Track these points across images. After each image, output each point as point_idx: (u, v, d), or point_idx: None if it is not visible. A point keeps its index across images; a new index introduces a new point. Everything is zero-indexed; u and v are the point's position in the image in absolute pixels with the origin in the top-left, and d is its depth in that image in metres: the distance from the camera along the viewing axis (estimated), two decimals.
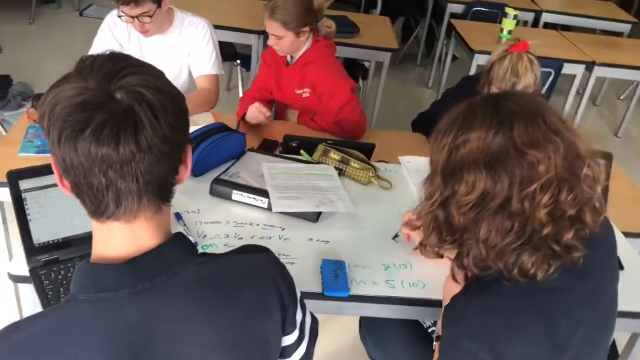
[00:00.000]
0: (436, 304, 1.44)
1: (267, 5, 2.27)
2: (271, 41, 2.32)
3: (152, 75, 0.83)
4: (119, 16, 2.32)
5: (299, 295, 1.05)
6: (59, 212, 1.34)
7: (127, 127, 0.76)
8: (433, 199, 1.07)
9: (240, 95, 3.90)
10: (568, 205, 0.99)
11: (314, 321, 1.12)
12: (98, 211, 0.82)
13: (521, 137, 0.98)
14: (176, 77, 2.59)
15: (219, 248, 1.51)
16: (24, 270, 1.32)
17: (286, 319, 0.98)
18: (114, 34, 2.47)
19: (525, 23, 4.90)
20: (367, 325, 1.72)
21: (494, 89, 2.24)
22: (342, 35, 3.59)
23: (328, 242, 1.60)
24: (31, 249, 1.33)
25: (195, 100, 2.48)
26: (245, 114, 2.33)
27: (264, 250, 1.03)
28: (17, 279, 1.34)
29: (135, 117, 0.77)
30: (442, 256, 1.14)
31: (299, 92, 2.45)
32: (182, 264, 0.87)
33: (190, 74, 2.60)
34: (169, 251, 0.87)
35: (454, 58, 4.91)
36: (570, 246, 1.02)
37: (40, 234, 1.34)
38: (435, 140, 1.08)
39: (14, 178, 1.31)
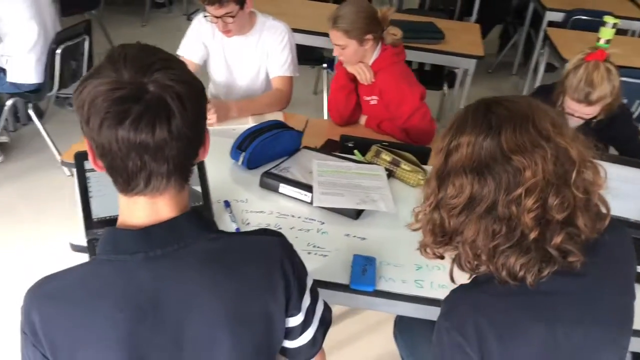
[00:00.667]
0: None
1: (330, 16, 2.34)
2: (336, 51, 2.39)
3: (179, 68, 0.93)
4: (205, 16, 2.49)
5: (309, 282, 1.11)
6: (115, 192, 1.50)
7: (161, 116, 0.87)
8: (429, 202, 1.09)
9: (326, 98, 4.03)
10: (556, 210, 0.98)
11: (327, 310, 1.17)
12: (128, 188, 0.93)
13: (508, 143, 0.98)
14: (254, 77, 2.73)
15: None
16: (83, 241, 1.48)
17: (290, 300, 1.03)
18: (200, 35, 2.66)
19: (633, 33, 4.60)
20: (400, 325, 1.74)
21: (567, 99, 2.17)
22: (426, 42, 3.60)
23: (365, 239, 1.64)
24: (90, 223, 1.49)
25: (267, 100, 2.61)
26: None
27: (277, 234, 1.09)
28: (76, 249, 1.51)
29: (167, 108, 0.87)
30: (442, 257, 1.15)
31: (367, 99, 2.50)
32: (194, 237, 0.96)
33: (267, 74, 2.73)
34: (183, 224, 0.96)
35: (553, 68, 4.72)
36: (565, 251, 1.01)
37: (99, 210, 1.50)
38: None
39: (80, 159, 1.48)
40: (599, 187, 1.05)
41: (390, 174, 1.92)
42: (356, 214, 1.70)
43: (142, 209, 0.95)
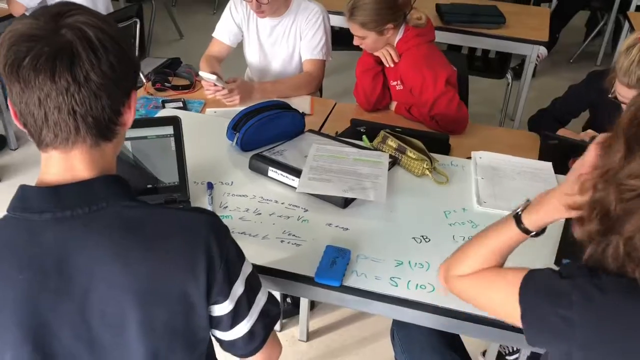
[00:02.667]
0: (437, 311, 1.28)
1: (346, 7, 2.19)
2: (356, 41, 2.25)
3: (99, 18, 0.88)
4: None
5: (245, 269, 1.02)
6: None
7: (63, 57, 0.83)
8: (605, 169, 0.83)
9: None
10: None
11: (271, 304, 1.07)
12: (39, 140, 0.89)
13: None
14: (289, 60, 2.64)
15: (234, 220, 1.52)
16: None
17: (214, 285, 0.95)
18: (234, 18, 2.61)
19: None
20: (397, 324, 1.60)
21: (618, 84, 1.90)
22: (485, 26, 3.36)
23: (347, 229, 1.51)
24: None
25: (294, 82, 2.51)
26: None
27: (209, 213, 1.01)
28: None
29: (72, 50, 0.83)
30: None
31: (393, 83, 2.34)
32: (108, 201, 0.90)
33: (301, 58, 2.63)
34: (98, 186, 0.90)
35: None
36: None
37: None
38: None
39: None
40: None
41: (396, 162, 1.76)
42: (344, 203, 1.57)
43: (56, 165, 0.90)
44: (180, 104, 2.33)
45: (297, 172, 1.63)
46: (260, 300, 1.05)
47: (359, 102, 2.42)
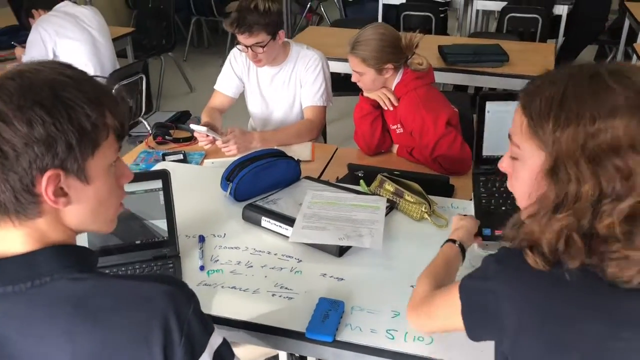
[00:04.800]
0: None
1: (349, 40, 2.19)
2: (354, 77, 2.23)
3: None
4: (236, 44, 2.45)
5: (213, 342, 0.93)
6: None
7: None
8: (584, 196, 0.85)
9: None
10: None
11: None
12: None
13: None
14: (290, 108, 2.64)
15: (225, 274, 1.46)
16: None
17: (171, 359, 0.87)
18: (234, 69, 2.63)
19: None
20: None
21: None
22: (488, 65, 3.35)
23: (342, 279, 1.44)
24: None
25: (295, 130, 2.50)
26: None
27: (176, 284, 0.93)
28: None
29: None
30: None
31: (393, 127, 2.31)
32: (52, 275, 0.85)
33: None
34: (41, 259, 0.86)
35: None
36: None
37: None
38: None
39: None
40: None
41: (394, 206, 1.71)
42: (339, 251, 1.51)
43: None
44: (181, 156, 2.31)
45: (291, 221, 1.58)
46: None
47: (360, 147, 2.39)
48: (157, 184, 1.51)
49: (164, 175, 1.52)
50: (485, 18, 5.89)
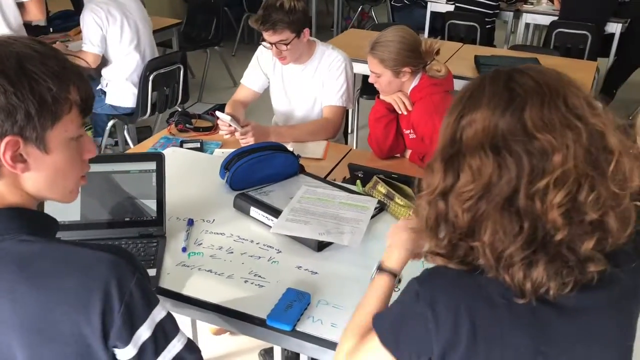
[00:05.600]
0: None
1: (370, 41, 2.21)
2: (371, 78, 2.24)
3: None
4: (262, 41, 2.51)
5: (155, 315, 0.96)
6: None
7: None
8: (432, 188, 0.90)
9: None
10: (589, 206, 0.81)
11: (187, 351, 1.00)
12: None
13: (533, 119, 0.82)
14: (311, 106, 2.67)
15: (204, 257, 1.51)
16: None
17: (110, 329, 0.90)
18: (260, 64, 2.69)
19: None
20: None
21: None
22: None
23: (316, 273, 1.46)
24: None
25: (311, 127, 2.53)
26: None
27: (123, 255, 0.96)
28: None
29: None
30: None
31: (406, 132, 2.31)
32: (3, 235, 0.90)
33: None
34: None
35: None
36: (587, 258, 0.84)
37: None
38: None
39: None
40: (634, 189, 0.86)
41: (383, 208, 1.72)
42: (318, 246, 1.53)
43: None
44: (198, 145, 2.39)
45: (278, 213, 1.62)
46: (174, 348, 0.98)
47: (372, 149, 2.40)
48: (152, 165, 1.58)
49: (158, 158, 1.58)
50: (537, 32, 5.77)
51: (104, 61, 3.40)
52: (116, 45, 3.35)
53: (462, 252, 0.90)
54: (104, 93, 3.50)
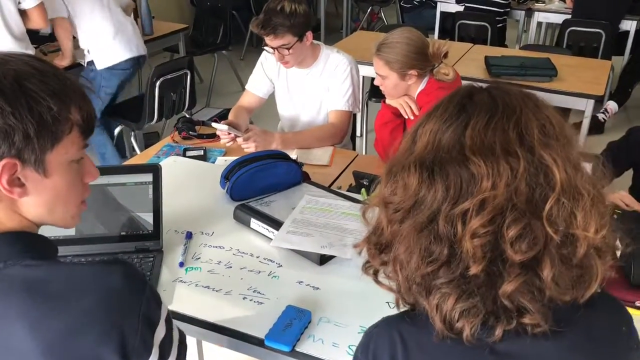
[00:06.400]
0: None
1: (376, 42, 2.15)
2: (377, 81, 2.19)
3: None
4: (264, 46, 2.46)
5: (163, 312, 0.94)
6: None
7: None
8: (378, 198, 0.87)
9: None
10: (512, 244, 0.73)
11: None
12: None
13: (473, 139, 0.77)
14: (317, 111, 2.62)
15: (202, 272, 1.46)
16: None
17: (127, 342, 0.86)
18: (265, 70, 2.64)
19: None
20: None
21: None
22: (535, 79, 3.20)
23: (318, 289, 1.41)
24: None
25: (317, 133, 2.47)
26: None
27: (122, 264, 0.93)
28: None
29: None
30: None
31: None
32: (6, 261, 0.86)
33: None
34: None
35: None
36: (518, 306, 0.75)
37: None
38: None
39: None
40: (592, 240, 0.76)
41: None
42: (320, 260, 1.47)
43: None
44: (201, 152, 2.34)
45: (279, 225, 1.56)
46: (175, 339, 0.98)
47: (379, 154, 2.34)
48: (148, 177, 1.53)
49: (154, 170, 1.53)
50: (550, 31, 5.66)
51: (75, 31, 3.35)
52: (94, 37, 3.30)
53: (385, 265, 0.87)
54: (92, 63, 3.40)
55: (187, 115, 3.85)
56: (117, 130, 3.60)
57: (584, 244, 0.76)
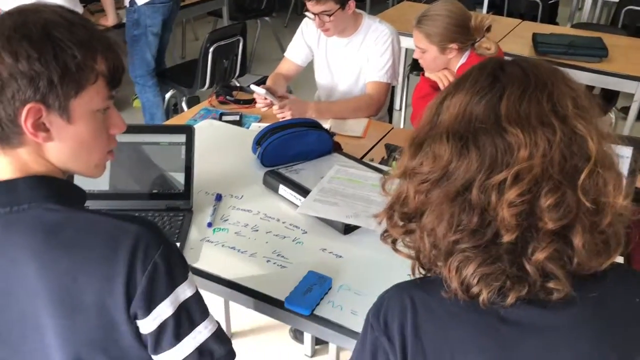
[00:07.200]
0: None
1: (416, 15, 2.11)
2: (416, 54, 2.15)
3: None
4: (305, 12, 2.45)
5: (182, 292, 0.93)
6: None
7: None
8: (399, 169, 0.88)
9: None
10: (547, 213, 0.74)
11: (216, 343, 0.97)
12: None
13: (508, 109, 0.77)
14: (355, 81, 2.60)
15: (229, 234, 1.49)
16: None
17: (132, 299, 0.89)
18: (305, 37, 2.63)
19: None
20: None
21: None
22: (584, 59, 3.09)
23: (341, 257, 1.42)
24: None
25: (352, 104, 2.46)
26: None
27: (142, 223, 0.93)
28: None
29: None
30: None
31: None
32: (30, 203, 0.89)
33: None
34: (21, 187, 0.90)
35: None
36: (547, 273, 0.76)
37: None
38: None
39: None
40: (618, 207, 0.78)
41: None
42: (345, 229, 1.48)
43: None
44: (237, 118, 2.36)
45: (306, 193, 1.58)
46: (200, 334, 0.95)
47: (415, 127, 2.31)
48: (181, 138, 1.56)
49: (188, 131, 1.56)
50: (606, 9, 5.43)
51: None
52: None
53: (408, 233, 0.88)
54: (134, 2, 3.42)
55: (236, 83, 3.89)
56: (168, 95, 3.66)
57: (611, 212, 0.77)
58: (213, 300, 1.02)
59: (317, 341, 2.37)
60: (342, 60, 2.56)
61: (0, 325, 0.90)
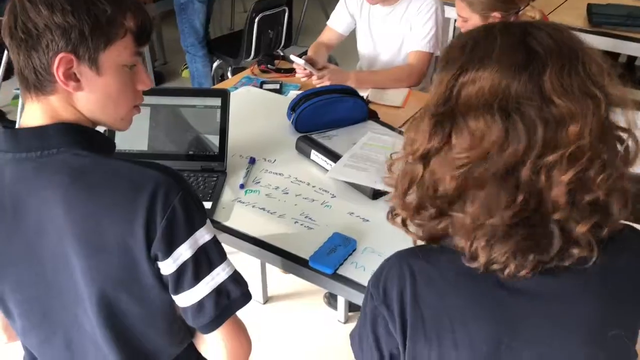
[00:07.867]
0: None
1: None
2: (458, 22, 2.11)
3: None
4: None
5: (202, 236, 0.98)
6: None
7: (12, 9, 0.93)
8: (413, 149, 0.82)
9: None
10: (597, 186, 0.74)
11: (233, 284, 1.02)
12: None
13: (552, 84, 0.73)
14: (397, 51, 2.58)
15: (260, 195, 1.53)
16: None
17: (153, 241, 0.94)
18: (347, 5, 2.62)
19: None
20: None
21: None
22: (625, 29, 2.95)
23: (367, 221, 1.44)
24: None
25: (393, 74, 2.44)
26: None
27: (164, 171, 0.97)
28: None
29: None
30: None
31: None
32: (59, 148, 0.95)
33: None
34: (52, 133, 0.96)
35: None
36: (577, 241, 0.76)
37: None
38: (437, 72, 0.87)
39: None
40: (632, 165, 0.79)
41: None
42: (373, 194, 1.50)
43: (26, 113, 0.98)
44: (277, 86, 2.39)
45: (337, 158, 1.60)
46: (218, 276, 1.00)
47: None
48: (217, 101, 1.60)
49: (223, 94, 1.60)
50: None
51: None
52: None
53: (429, 217, 0.84)
54: None
55: (280, 52, 3.91)
56: (215, 65, 3.72)
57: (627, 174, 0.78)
58: (250, 265, 1.06)
59: (351, 307, 2.41)
60: (385, 29, 2.54)
61: (37, 263, 0.98)
